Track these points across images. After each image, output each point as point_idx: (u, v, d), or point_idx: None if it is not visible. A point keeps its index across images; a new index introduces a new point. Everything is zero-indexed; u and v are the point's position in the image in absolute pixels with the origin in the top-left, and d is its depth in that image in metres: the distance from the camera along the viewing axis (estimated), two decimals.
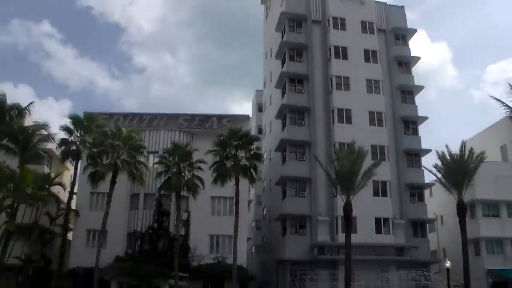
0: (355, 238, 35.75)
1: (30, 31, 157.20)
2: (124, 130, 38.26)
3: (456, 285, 39.49)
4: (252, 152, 37.85)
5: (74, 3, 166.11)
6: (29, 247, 40.65)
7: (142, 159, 39.07)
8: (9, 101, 41.79)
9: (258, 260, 54.20)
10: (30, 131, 40.63)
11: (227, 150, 36.99)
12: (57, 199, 42.50)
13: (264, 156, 42.44)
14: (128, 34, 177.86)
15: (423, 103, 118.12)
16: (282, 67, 48.25)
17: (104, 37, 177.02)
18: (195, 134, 44.45)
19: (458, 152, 37.28)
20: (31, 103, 43.22)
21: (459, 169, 36.16)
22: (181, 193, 37.68)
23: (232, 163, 36.73)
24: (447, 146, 37.67)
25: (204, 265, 39.67)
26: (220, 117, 45.44)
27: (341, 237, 38.48)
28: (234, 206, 36.66)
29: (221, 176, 36.57)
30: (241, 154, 37.30)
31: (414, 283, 38.36)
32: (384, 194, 42.78)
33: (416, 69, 61.62)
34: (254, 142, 38.92)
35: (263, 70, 62.65)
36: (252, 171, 37.41)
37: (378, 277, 38.53)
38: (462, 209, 36.06)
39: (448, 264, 35.46)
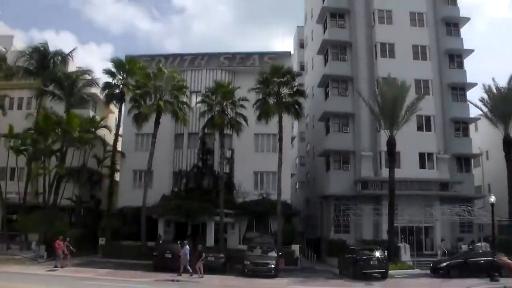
0: (398, 173, 36.22)
1: None
2: (166, 71, 39.08)
3: (501, 220, 39.57)
4: (294, 89, 38.02)
5: None
6: (79, 189, 42.87)
7: (184, 99, 40.10)
8: (52, 48, 43.39)
9: (302, 195, 55.45)
10: (74, 76, 42.06)
11: (270, 87, 37.27)
12: (104, 142, 44.39)
13: (307, 92, 42.41)
14: None
15: (469, 35, 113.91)
16: (323, 2, 47.49)
17: None
18: (237, 72, 44.80)
19: (506, 85, 36.73)
20: (73, 49, 44.65)
21: (506, 102, 35.70)
22: (225, 131, 38.63)
23: (275, 100, 37.18)
24: (493, 80, 37.17)
25: (248, 201, 40.88)
26: (262, 55, 45.44)
27: (384, 172, 38.89)
28: (278, 143, 37.43)
29: (264, 113, 37.08)
30: (284, 91, 37.54)
31: (457, 218, 38.59)
32: (428, 128, 42.58)
33: (462, 0, 59.45)
34: (297, 79, 38.86)
35: (304, 6, 62.22)
36: (295, 107, 37.79)
37: (421, 212, 38.88)
38: (508, 144, 35.85)
39: (492, 199, 35.55)
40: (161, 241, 33.88)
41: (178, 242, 31.03)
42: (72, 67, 45.41)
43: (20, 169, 41.68)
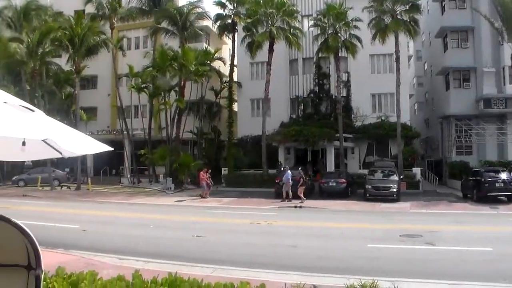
0: None
1: None
2: None
3: None
4: (410, 4, 37.27)
5: None
6: (199, 121, 45.91)
7: (296, 24, 40.66)
8: None
9: (421, 117, 55.02)
10: (186, 11, 44.03)
11: (384, 5, 36.92)
12: (219, 74, 46.57)
13: (421, 8, 41.11)
14: None
15: None
16: None
17: None
18: None
19: None
20: None
21: None
22: (339, 54, 39.10)
23: (390, 18, 36.87)
24: None
25: (367, 124, 41.68)
26: None
27: (509, 89, 37.75)
28: (395, 63, 37.49)
29: (379, 32, 37.03)
30: (399, 8, 37.03)
31: None
32: None
33: None
34: None
35: None
36: (411, 24, 37.26)
37: None
38: None
39: None
40: (282, 168, 35.26)
41: (300, 168, 32.66)
42: (183, 1, 47.54)
43: (143, 106, 45.35)
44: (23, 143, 3.61)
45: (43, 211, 24.44)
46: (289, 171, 30.11)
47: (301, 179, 29.56)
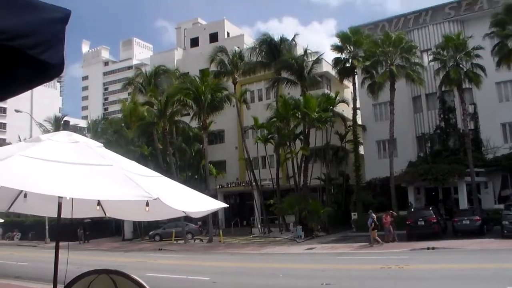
0: None
1: None
2: (393, 35, 42.99)
3: None
4: None
5: None
6: (326, 167, 49.72)
7: (416, 59, 43.48)
8: (277, 36, 51.08)
9: None
10: (304, 59, 48.62)
11: (507, 29, 37.94)
12: (343, 118, 50.73)
13: None
14: None
15: None
16: None
17: None
18: (466, 21, 46.98)
19: None
20: (295, 35, 51.45)
21: None
22: (463, 86, 40.83)
23: None
24: None
25: (500, 156, 42.48)
26: None
27: None
28: None
29: (504, 58, 38.10)
30: None
31: None
32: None
33: None
34: None
35: None
36: None
37: None
38: None
39: None
40: (412, 209, 37.11)
41: (430, 208, 34.64)
42: (299, 50, 52.39)
43: (269, 157, 50.58)
44: (147, 204, 4.75)
45: (177, 264, 28.76)
46: (372, 215, 32.40)
47: (373, 223, 31.82)
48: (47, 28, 2.57)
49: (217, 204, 5.60)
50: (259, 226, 49.72)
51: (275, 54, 49.56)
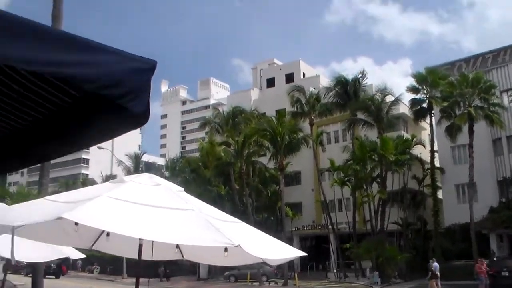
0: None
1: (350, 3, 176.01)
2: (470, 75, 43.14)
3: None
4: None
5: None
6: (403, 211, 49.62)
7: (495, 100, 43.22)
8: (352, 76, 52.32)
9: None
10: (379, 100, 49.30)
11: None
12: (420, 160, 50.70)
13: None
14: None
15: None
16: None
17: None
18: None
19: None
20: (364, 75, 52.03)
21: None
22: None
23: None
24: None
25: None
26: None
27: None
28: None
29: None
30: None
31: None
32: None
33: None
34: None
35: None
36: None
37: None
38: None
39: None
40: (495, 258, 36.56)
41: None
42: (373, 90, 52.91)
43: (346, 200, 51.12)
44: (225, 250, 4.95)
45: None
46: (435, 264, 32.62)
47: (430, 272, 31.98)
48: (135, 78, 2.67)
49: (295, 253, 5.89)
50: (335, 271, 50.17)
51: (350, 94, 50.69)
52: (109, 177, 70.05)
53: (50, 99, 2.98)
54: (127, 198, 4.96)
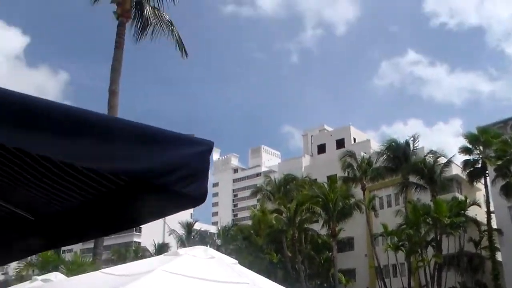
0: None
1: (398, 66, 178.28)
2: None
3: None
4: None
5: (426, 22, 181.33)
6: (460, 275, 48.39)
7: None
8: (402, 139, 52.33)
9: None
10: (432, 163, 49.16)
11: None
12: (476, 222, 49.51)
13: None
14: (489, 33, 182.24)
15: None
16: None
17: (464, 43, 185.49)
18: None
19: None
20: (415, 137, 52.06)
21: None
22: None
23: None
24: None
25: None
26: None
27: None
28: None
29: None
30: None
31: None
32: None
33: None
34: None
35: None
36: None
37: None
38: None
39: None
40: None
41: None
42: (424, 152, 52.84)
43: (400, 265, 50.27)
44: None
45: None
46: None
47: None
48: (192, 162, 2.55)
49: None
50: None
51: (401, 158, 50.58)
52: (161, 246, 71.20)
53: (101, 182, 2.96)
54: (182, 272, 4.99)
